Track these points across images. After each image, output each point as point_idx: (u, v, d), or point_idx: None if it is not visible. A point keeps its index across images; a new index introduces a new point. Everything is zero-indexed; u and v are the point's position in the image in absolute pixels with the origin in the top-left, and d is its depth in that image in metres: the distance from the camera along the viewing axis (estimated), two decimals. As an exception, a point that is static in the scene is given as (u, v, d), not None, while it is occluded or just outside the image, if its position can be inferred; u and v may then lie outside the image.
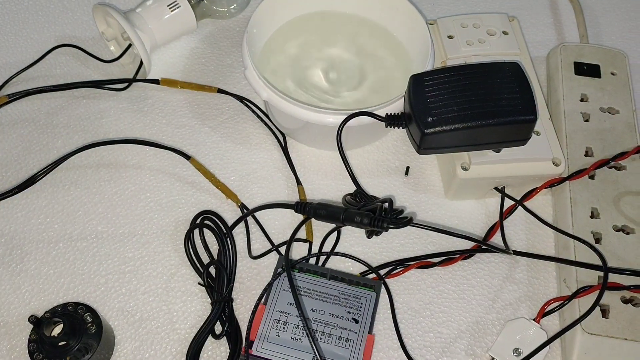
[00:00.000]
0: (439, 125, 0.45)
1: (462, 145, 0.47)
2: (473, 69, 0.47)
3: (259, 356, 0.42)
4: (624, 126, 0.54)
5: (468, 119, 0.45)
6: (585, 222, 0.49)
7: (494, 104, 0.46)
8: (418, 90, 0.47)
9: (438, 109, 0.46)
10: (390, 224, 0.42)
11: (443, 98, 0.46)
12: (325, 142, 0.55)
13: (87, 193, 0.53)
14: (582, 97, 0.55)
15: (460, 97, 0.46)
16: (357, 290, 0.46)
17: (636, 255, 0.47)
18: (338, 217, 0.44)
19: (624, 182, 0.51)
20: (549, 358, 0.46)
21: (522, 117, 0.45)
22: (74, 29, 0.64)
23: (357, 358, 0.42)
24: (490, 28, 0.58)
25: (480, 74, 0.47)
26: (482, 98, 0.46)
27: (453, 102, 0.46)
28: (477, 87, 0.46)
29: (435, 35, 0.58)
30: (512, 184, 0.52)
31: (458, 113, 0.45)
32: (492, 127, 0.45)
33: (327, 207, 0.46)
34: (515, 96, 0.46)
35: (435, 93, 0.46)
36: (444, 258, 0.50)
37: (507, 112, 0.45)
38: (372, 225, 0.43)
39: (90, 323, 0.43)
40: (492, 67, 0.47)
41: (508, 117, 0.45)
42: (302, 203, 0.47)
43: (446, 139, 0.46)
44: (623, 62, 0.58)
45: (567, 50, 0.58)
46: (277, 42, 0.58)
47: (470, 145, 0.48)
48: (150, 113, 0.58)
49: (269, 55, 0.58)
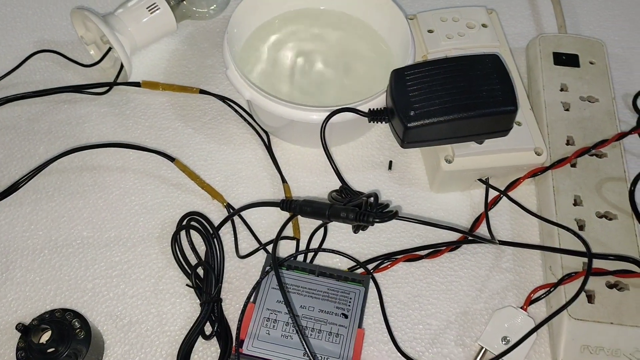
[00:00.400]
0: (421, 119, 0.45)
1: (444, 138, 0.48)
2: (453, 62, 0.48)
3: (250, 355, 0.42)
4: (604, 114, 0.54)
5: (450, 111, 0.45)
6: (568, 210, 0.49)
7: (475, 96, 0.46)
8: (399, 84, 0.47)
9: (420, 103, 0.46)
10: (375, 218, 0.42)
11: (424, 92, 0.46)
12: (310, 139, 0.55)
13: (71, 198, 0.53)
14: (561, 86, 0.56)
15: (441, 90, 0.46)
16: (345, 285, 0.46)
17: (619, 241, 0.48)
18: (324, 213, 0.45)
19: (606, 169, 0.51)
20: (538, 345, 0.46)
21: (502, 108, 0.46)
22: (53, 34, 0.63)
23: (347, 353, 0.42)
24: (469, 21, 0.58)
25: (461, 67, 0.47)
26: (463, 90, 0.46)
27: (434, 96, 0.46)
28: (458, 79, 0.47)
29: (416, 29, 0.58)
30: (496, 175, 0.52)
31: (440, 106, 0.46)
32: (473, 118, 0.46)
33: (313, 204, 0.46)
34: (496, 87, 0.46)
35: (417, 87, 0.47)
36: (431, 250, 0.50)
37: (488, 103, 0.46)
38: (358, 220, 0.43)
39: (78, 329, 0.43)
40: (472, 60, 0.48)
41: (489, 108, 0.46)
42: (287, 201, 0.47)
43: (429, 132, 0.46)
44: (601, 51, 0.58)
45: (546, 40, 0.59)
46: (258, 41, 0.58)
47: (453, 137, 0.48)
48: (133, 116, 0.58)
49: (250, 54, 0.57)
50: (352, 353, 0.42)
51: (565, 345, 0.44)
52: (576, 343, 0.44)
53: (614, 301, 0.45)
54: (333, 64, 0.57)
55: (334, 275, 0.47)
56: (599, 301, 0.45)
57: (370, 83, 0.56)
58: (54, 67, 0.61)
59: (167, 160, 0.54)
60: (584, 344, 0.44)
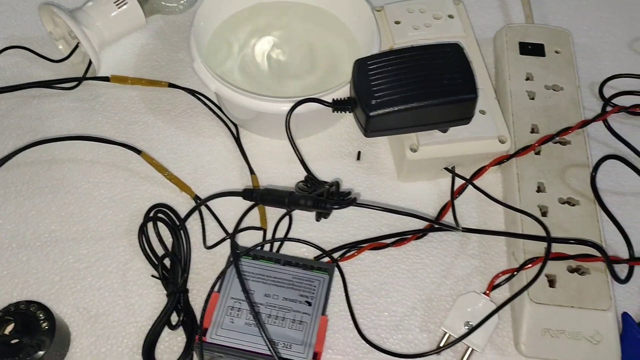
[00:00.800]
0: (383, 108, 0.46)
1: (407, 126, 0.48)
2: (415, 52, 0.48)
3: (214, 343, 0.42)
4: (569, 102, 0.55)
5: (411, 100, 0.46)
6: (531, 197, 0.50)
7: (436, 84, 0.46)
8: (362, 74, 0.47)
9: (382, 92, 0.46)
10: (333, 205, 0.43)
11: (386, 81, 0.47)
12: (277, 130, 0.55)
13: (39, 193, 0.53)
14: (527, 76, 0.57)
15: (403, 79, 0.47)
16: (310, 274, 0.46)
17: (581, 226, 0.48)
18: (284, 201, 0.45)
19: (569, 156, 0.52)
20: (501, 329, 0.47)
21: (463, 96, 0.46)
22: (23, 30, 0.63)
23: (310, 339, 0.43)
24: (436, 12, 0.58)
25: (422, 56, 0.48)
26: (424, 79, 0.47)
27: (396, 85, 0.47)
28: (419, 68, 0.47)
29: (383, 21, 0.58)
30: (462, 163, 0.52)
31: (401, 95, 0.46)
32: (434, 106, 0.46)
33: (273, 193, 0.46)
34: (456, 76, 0.47)
35: (379, 76, 0.47)
36: (397, 239, 0.51)
37: (449, 91, 0.46)
38: (316, 207, 0.43)
39: (42, 320, 0.43)
40: (433, 49, 0.48)
41: (450, 96, 0.46)
42: (249, 190, 0.47)
43: (391, 121, 0.47)
44: (567, 40, 0.59)
45: (513, 31, 0.60)
46: (226, 34, 0.59)
47: (416, 126, 0.48)
48: (102, 110, 0.58)
49: (218, 47, 0.58)
50: (315, 339, 0.43)
51: (527, 329, 0.45)
52: (538, 327, 0.45)
53: (575, 285, 0.46)
54: (301, 55, 0.58)
55: (299, 264, 0.47)
56: (560, 285, 0.46)
57: (338, 74, 0.56)
58: (24, 62, 0.61)
59: (135, 153, 0.54)
60: (545, 327, 0.45)
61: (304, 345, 0.43)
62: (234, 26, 0.59)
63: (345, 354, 0.46)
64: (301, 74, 0.57)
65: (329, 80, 0.56)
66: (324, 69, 0.57)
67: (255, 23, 0.60)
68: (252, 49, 0.58)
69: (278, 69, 0.57)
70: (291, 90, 0.55)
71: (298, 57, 0.58)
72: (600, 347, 0.45)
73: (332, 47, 0.59)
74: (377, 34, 0.54)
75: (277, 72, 0.57)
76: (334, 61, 0.58)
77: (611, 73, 0.60)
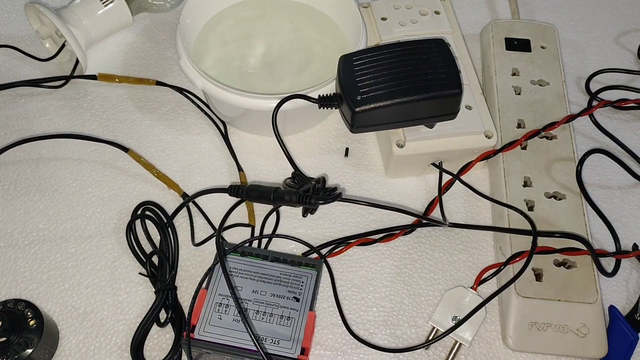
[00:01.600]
0: (368, 103, 0.46)
1: (393, 122, 0.48)
2: (399, 47, 0.48)
3: (201, 339, 0.42)
4: (554, 97, 0.55)
5: (396, 95, 0.46)
6: (518, 191, 0.50)
7: (421, 80, 0.47)
8: (347, 70, 0.48)
9: (367, 87, 0.46)
10: (318, 200, 0.43)
11: (372, 76, 0.47)
12: (265, 128, 0.55)
13: (27, 192, 0.53)
14: (513, 71, 0.57)
15: (388, 75, 0.47)
16: (298, 270, 0.47)
17: (567, 220, 0.49)
18: (269, 196, 0.45)
19: (555, 151, 0.52)
20: (488, 323, 0.47)
21: (447, 91, 0.47)
22: (9, 29, 0.63)
23: (298, 334, 0.43)
24: (422, 9, 0.59)
25: (407, 52, 0.48)
26: (409, 74, 0.47)
27: (381, 80, 0.47)
28: (404, 64, 0.47)
29: (370, 17, 0.59)
30: (449, 159, 0.53)
31: (386, 90, 0.46)
32: (419, 102, 0.46)
33: (259, 188, 0.46)
34: (441, 71, 0.47)
35: (364, 72, 0.47)
36: (385, 234, 0.51)
37: (433, 86, 0.46)
38: (301, 202, 0.43)
39: (30, 318, 0.43)
40: (417, 44, 0.48)
41: (434, 91, 0.46)
42: (235, 186, 0.48)
43: (376, 116, 0.47)
44: (552, 36, 0.59)
45: (499, 26, 0.60)
46: (213, 31, 0.59)
47: (401, 121, 0.48)
48: (90, 109, 0.58)
49: (205, 44, 0.58)
50: (302, 335, 0.43)
51: (514, 323, 0.45)
52: (524, 320, 0.45)
53: (562, 279, 0.46)
54: (288, 52, 0.58)
55: (287, 260, 0.47)
56: (547, 279, 0.46)
57: (325, 70, 0.56)
58: (11, 61, 0.61)
59: (122, 151, 0.54)
60: (532, 321, 0.45)
61: (292, 340, 0.43)
62: (222, 24, 0.59)
63: (333, 349, 0.46)
64: (289, 71, 0.57)
65: (316, 77, 0.56)
66: (312, 66, 0.57)
67: (242, 20, 0.60)
68: (239, 46, 0.58)
69: (266, 65, 0.57)
70: (279, 87, 0.56)
71: (286, 54, 0.58)
72: (587, 339, 0.45)
73: (320, 44, 0.59)
74: (363, 30, 0.54)
75: (264, 69, 0.57)
76: (321, 57, 0.58)
77: (597, 68, 0.61)
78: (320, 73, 0.56)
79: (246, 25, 0.59)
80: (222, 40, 0.58)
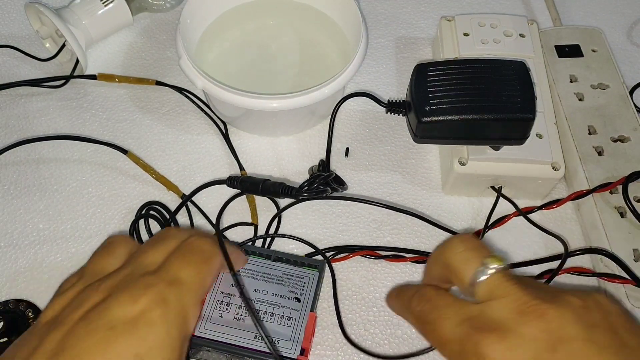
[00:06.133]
0: (436, 115, 0.45)
1: (458, 138, 0.48)
2: (477, 64, 0.47)
3: (202, 337, 0.42)
4: (618, 99, 0.54)
5: (465, 111, 0.45)
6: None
7: (494, 100, 0.46)
8: (420, 79, 0.47)
9: (437, 99, 0.46)
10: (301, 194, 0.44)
11: (443, 89, 0.46)
12: (265, 128, 0.56)
13: (27, 192, 0.53)
14: (570, 78, 0.56)
15: (460, 90, 0.46)
16: (300, 270, 0.47)
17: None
18: (257, 187, 0.46)
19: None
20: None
21: (520, 115, 0.45)
22: (10, 28, 0.63)
23: (298, 335, 0.43)
24: (507, 30, 0.57)
25: (484, 70, 0.47)
26: (482, 93, 0.46)
27: (453, 94, 0.46)
28: (480, 81, 0.46)
29: (452, 31, 0.58)
30: (510, 185, 0.51)
31: (456, 105, 0.46)
32: (488, 121, 0.46)
33: (251, 179, 0.47)
34: (516, 94, 0.46)
35: (437, 84, 0.47)
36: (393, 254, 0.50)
37: (506, 108, 0.45)
38: (284, 194, 0.45)
39: (32, 319, 0.43)
40: (496, 64, 0.47)
41: (506, 113, 0.45)
42: (232, 177, 0.48)
43: (442, 129, 0.46)
44: (600, 38, 0.59)
45: (546, 35, 0.59)
46: (215, 31, 0.59)
47: (467, 138, 0.48)
48: (90, 109, 0.58)
49: (207, 44, 0.58)
50: (302, 336, 0.43)
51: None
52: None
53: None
54: (289, 52, 0.58)
55: (290, 260, 0.47)
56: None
57: (326, 70, 0.57)
58: (11, 61, 0.61)
59: (121, 153, 0.54)
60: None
61: (292, 341, 0.43)
62: (224, 23, 0.59)
63: (334, 349, 0.46)
64: (289, 71, 0.57)
65: (317, 77, 0.56)
66: (312, 66, 0.57)
67: (243, 20, 0.60)
68: (240, 46, 0.58)
69: (266, 66, 0.57)
70: (279, 87, 0.56)
71: (286, 54, 0.58)
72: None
73: (321, 44, 0.59)
74: (364, 30, 0.54)
75: (265, 69, 0.57)
76: (322, 58, 0.58)
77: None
78: (321, 73, 0.56)
79: (247, 25, 0.60)
80: (223, 40, 0.58)
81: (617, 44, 0.63)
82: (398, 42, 0.64)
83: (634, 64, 0.62)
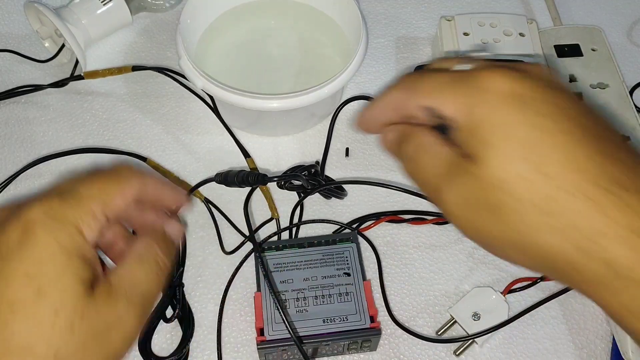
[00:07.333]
0: None
1: None
2: None
3: (273, 339, 0.42)
4: (618, 98, 0.54)
5: None
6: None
7: None
8: None
9: None
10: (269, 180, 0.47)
11: None
12: (265, 128, 0.56)
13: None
14: (570, 77, 0.56)
15: None
16: (337, 247, 0.47)
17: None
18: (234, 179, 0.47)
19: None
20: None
21: None
22: (9, 28, 0.63)
23: (362, 306, 0.44)
24: (507, 29, 0.57)
25: None
26: None
27: None
28: None
29: (452, 31, 0.58)
30: None
31: None
32: None
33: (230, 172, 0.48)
34: None
35: None
36: (415, 217, 0.51)
37: None
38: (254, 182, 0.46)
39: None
40: None
41: None
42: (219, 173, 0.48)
43: None
44: (600, 37, 0.59)
45: (545, 35, 0.59)
46: (215, 31, 0.58)
47: None
48: (90, 109, 0.57)
49: (207, 44, 0.58)
50: (366, 305, 0.44)
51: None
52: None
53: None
54: (289, 52, 0.58)
55: (322, 242, 0.47)
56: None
57: (326, 71, 0.56)
58: (11, 62, 0.60)
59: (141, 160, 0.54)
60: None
61: (358, 313, 0.43)
62: (225, 24, 0.59)
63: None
64: (290, 71, 0.57)
65: (317, 77, 0.55)
66: (313, 66, 0.57)
67: (243, 20, 0.60)
68: (240, 46, 0.58)
69: (266, 66, 0.57)
70: (279, 88, 0.55)
71: (286, 54, 0.58)
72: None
73: (321, 44, 0.59)
74: (364, 30, 0.53)
75: (265, 69, 0.57)
76: (322, 58, 0.58)
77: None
78: (321, 73, 0.56)
79: (247, 25, 0.59)
80: (223, 40, 0.58)
81: (616, 43, 0.64)
82: (398, 42, 0.64)
83: (634, 63, 0.62)
